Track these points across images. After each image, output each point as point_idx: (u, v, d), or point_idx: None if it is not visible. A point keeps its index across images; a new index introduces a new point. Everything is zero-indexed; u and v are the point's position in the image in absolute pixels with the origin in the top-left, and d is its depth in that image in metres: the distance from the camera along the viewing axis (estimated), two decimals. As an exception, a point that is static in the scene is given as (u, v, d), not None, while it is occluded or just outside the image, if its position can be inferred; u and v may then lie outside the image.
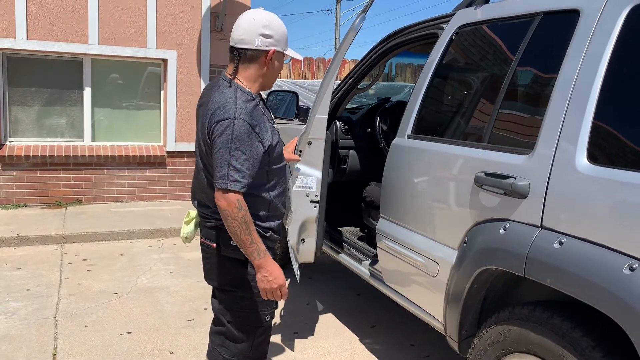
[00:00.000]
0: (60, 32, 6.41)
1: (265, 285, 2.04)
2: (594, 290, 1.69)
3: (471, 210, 2.24)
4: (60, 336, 3.37)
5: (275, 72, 2.14)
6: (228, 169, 1.92)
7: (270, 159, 2.08)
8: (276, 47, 2.05)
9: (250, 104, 2.01)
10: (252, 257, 2.02)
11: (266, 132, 2.04)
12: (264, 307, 2.20)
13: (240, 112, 1.95)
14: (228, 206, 1.94)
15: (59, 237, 5.41)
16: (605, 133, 1.84)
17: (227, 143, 1.93)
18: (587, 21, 1.99)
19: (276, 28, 2.05)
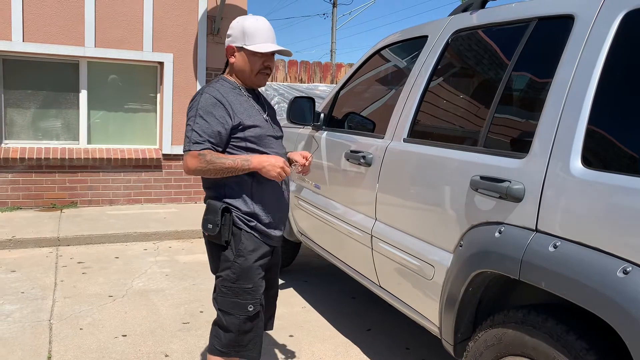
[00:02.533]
0: (56, 34, 6.41)
1: (272, 174, 2.21)
2: (588, 293, 1.70)
3: (466, 213, 2.25)
4: (55, 339, 3.36)
5: (243, 65, 2.30)
6: (190, 134, 2.18)
7: (245, 135, 2.24)
8: (234, 43, 2.28)
9: (226, 87, 2.28)
10: (245, 169, 2.21)
11: (240, 111, 2.24)
12: (244, 296, 2.29)
13: (208, 89, 2.24)
14: (194, 163, 2.16)
15: (54, 240, 5.40)
16: (599, 137, 1.86)
17: (192, 112, 2.21)
18: (581, 26, 2.01)
19: (235, 27, 2.29)
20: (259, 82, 2.35)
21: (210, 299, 4.11)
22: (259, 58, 2.28)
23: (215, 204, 2.25)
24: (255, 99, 2.38)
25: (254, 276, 2.31)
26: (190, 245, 5.66)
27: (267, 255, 2.38)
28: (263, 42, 2.26)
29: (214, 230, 2.24)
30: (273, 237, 2.39)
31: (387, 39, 3.49)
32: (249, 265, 2.29)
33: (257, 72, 2.31)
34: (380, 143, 2.95)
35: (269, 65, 2.33)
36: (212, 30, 7.10)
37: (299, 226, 4.06)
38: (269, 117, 2.39)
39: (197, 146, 2.16)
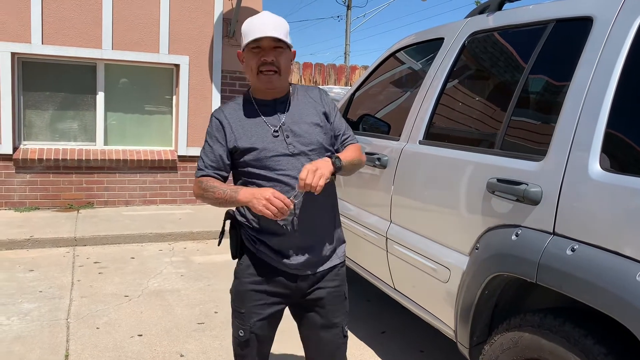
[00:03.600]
0: (74, 37, 6.50)
1: (258, 208, 1.83)
2: (607, 297, 1.68)
3: (483, 216, 2.24)
4: (72, 338, 3.40)
5: (246, 69, 2.00)
6: (199, 159, 2.07)
7: (246, 159, 1.98)
8: (241, 48, 2.00)
9: (236, 105, 2.06)
10: (234, 202, 1.93)
11: (240, 133, 1.98)
12: (238, 318, 2.08)
13: (216, 111, 2.07)
14: (196, 190, 2.04)
15: (71, 240, 5.46)
16: (617, 140, 1.84)
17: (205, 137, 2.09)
18: (600, 28, 2.00)
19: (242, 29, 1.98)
20: (262, 85, 1.96)
21: (224, 300, 4.13)
22: (255, 54, 1.92)
23: (225, 220, 2.10)
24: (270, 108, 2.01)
25: (246, 301, 2.04)
26: (205, 246, 5.69)
27: (280, 285, 2.04)
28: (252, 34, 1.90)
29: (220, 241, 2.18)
30: (288, 265, 2.01)
31: (403, 41, 3.49)
32: (242, 289, 2.06)
33: (257, 72, 1.94)
34: (396, 145, 2.95)
35: (266, 60, 1.91)
36: (227, 32, 7.14)
37: (313, 228, 4.07)
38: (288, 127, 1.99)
39: (199, 172, 2.04)
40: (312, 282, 2.07)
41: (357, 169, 2.14)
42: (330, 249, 2.09)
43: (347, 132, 2.13)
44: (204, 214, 6.76)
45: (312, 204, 1.98)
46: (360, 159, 2.10)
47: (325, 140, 2.04)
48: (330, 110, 2.10)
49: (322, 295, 2.09)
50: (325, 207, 2.06)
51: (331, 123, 2.08)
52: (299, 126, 2.00)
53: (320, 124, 2.04)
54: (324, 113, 2.07)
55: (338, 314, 2.15)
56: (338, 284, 2.13)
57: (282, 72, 1.97)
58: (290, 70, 2.03)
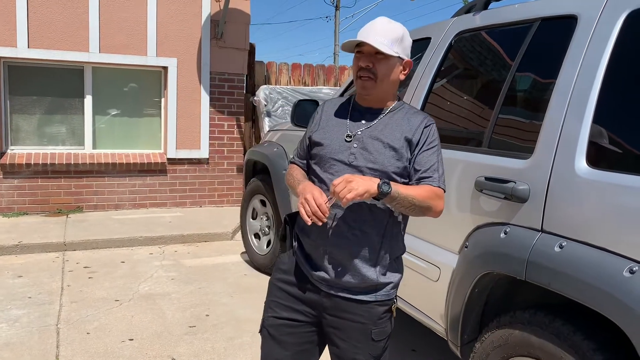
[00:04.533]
0: (61, 40, 6.45)
1: (298, 205, 1.78)
2: (595, 293, 1.70)
3: (472, 214, 2.26)
4: (62, 343, 3.37)
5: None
6: None
7: (312, 152, 1.95)
8: None
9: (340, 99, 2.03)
10: (295, 191, 1.92)
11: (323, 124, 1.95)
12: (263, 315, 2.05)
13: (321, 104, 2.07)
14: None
15: (60, 245, 5.42)
16: (604, 137, 1.86)
17: None
18: (584, 27, 2.01)
19: None
20: (358, 89, 1.89)
21: (216, 303, 4.12)
22: (357, 59, 1.87)
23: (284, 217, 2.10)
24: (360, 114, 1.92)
25: (268, 294, 2.01)
26: (195, 249, 5.67)
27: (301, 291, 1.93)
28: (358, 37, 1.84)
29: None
30: (312, 273, 1.90)
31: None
32: (270, 280, 2.03)
33: (356, 76, 1.87)
34: (385, 145, 2.96)
35: (362, 66, 1.83)
36: (215, 34, 7.12)
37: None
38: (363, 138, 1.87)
39: (291, 158, 2.09)
40: (336, 304, 1.89)
41: (422, 214, 1.83)
42: (365, 278, 1.86)
43: (431, 173, 1.85)
44: (195, 216, 6.74)
45: (356, 221, 1.84)
46: (429, 204, 1.80)
47: (393, 167, 1.84)
48: (421, 141, 1.87)
49: (344, 324, 1.89)
50: (369, 230, 1.85)
51: (414, 154, 1.86)
52: (373, 142, 1.86)
53: (396, 148, 1.84)
54: (409, 140, 1.86)
55: (360, 352, 1.90)
56: (365, 321, 1.88)
57: (379, 80, 1.84)
58: (394, 81, 1.89)
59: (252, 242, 4.99)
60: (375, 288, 1.87)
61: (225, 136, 7.40)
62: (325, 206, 1.70)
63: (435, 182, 1.84)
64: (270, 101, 7.51)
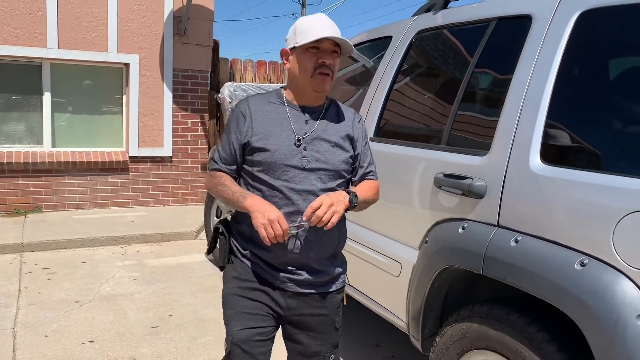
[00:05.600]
0: (17, 35, 6.26)
1: (257, 223, 1.70)
2: (548, 286, 1.75)
3: (431, 210, 2.29)
4: (19, 347, 3.28)
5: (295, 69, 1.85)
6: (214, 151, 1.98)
7: (254, 159, 1.84)
8: (287, 46, 1.89)
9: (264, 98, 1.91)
10: (240, 206, 1.79)
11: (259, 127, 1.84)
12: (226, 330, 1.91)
13: (240, 102, 1.93)
14: (206, 183, 1.97)
15: (18, 246, 5.26)
16: (557, 134, 1.91)
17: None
18: (539, 26, 2.06)
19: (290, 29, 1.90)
20: (316, 86, 1.81)
21: (179, 303, 4.07)
22: (312, 54, 1.80)
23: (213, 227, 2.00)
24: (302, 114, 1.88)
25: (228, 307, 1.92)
26: (159, 249, 5.59)
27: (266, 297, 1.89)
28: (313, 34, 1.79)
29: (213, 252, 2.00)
30: (278, 277, 1.87)
31: (354, 39, 3.51)
32: (225, 294, 1.94)
33: (312, 73, 1.80)
34: (347, 142, 2.97)
35: (324, 62, 1.79)
36: (178, 31, 7.02)
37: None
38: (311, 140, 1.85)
39: (212, 165, 1.93)
40: (302, 302, 1.91)
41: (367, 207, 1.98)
42: (329, 272, 1.92)
43: (370, 166, 1.98)
44: (158, 215, 6.64)
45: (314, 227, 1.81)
46: (375, 199, 1.96)
47: (343, 165, 1.88)
48: (359, 138, 1.95)
49: (310, 320, 1.93)
50: (330, 231, 1.86)
51: (357, 150, 1.93)
52: (321, 143, 1.86)
53: (342, 146, 1.89)
54: (351, 137, 1.92)
55: (323, 343, 1.97)
56: (328, 312, 1.95)
57: (334, 77, 1.86)
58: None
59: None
60: (334, 279, 1.96)
61: (189, 134, 7.32)
62: (288, 230, 1.70)
63: (374, 176, 2.00)
64: (235, 98, 7.45)
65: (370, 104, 2.89)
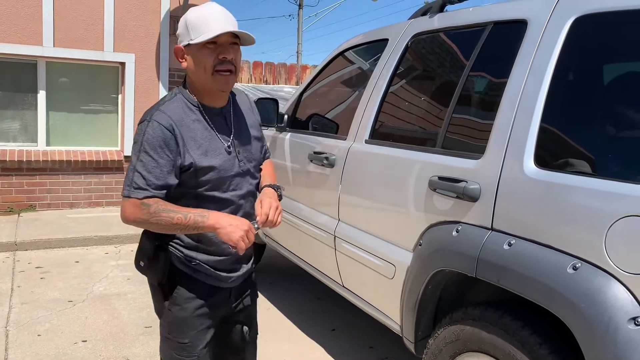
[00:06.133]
0: (12, 33, 6.24)
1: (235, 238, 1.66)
2: (541, 289, 1.75)
3: (425, 213, 2.30)
4: (11, 346, 3.27)
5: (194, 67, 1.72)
6: (132, 175, 1.67)
7: (199, 180, 1.74)
8: (181, 43, 1.74)
9: (179, 109, 1.74)
10: (199, 227, 1.68)
11: (193, 146, 1.71)
12: (178, 351, 1.84)
13: (158, 114, 1.69)
14: (135, 213, 1.68)
15: (11, 245, 5.25)
16: (551, 138, 1.92)
17: (136, 146, 1.68)
18: (534, 31, 2.08)
19: (180, 24, 1.75)
20: (219, 85, 1.72)
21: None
22: (211, 50, 1.68)
23: (147, 242, 1.83)
24: (220, 117, 1.81)
25: (190, 329, 1.83)
26: (153, 248, 5.58)
27: (218, 303, 1.89)
28: (209, 28, 1.66)
29: (146, 268, 1.84)
30: (225, 279, 1.89)
31: (350, 42, 3.52)
32: (185, 317, 1.83)
33: (213, 71, 1.69)
34: (343, 144, 2.98)
35: (226, 57, 1.69)
36: (174, 30, 7.02)
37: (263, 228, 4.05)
38: (237, 142, 1.83)
39: (140, 193, 1.66)
40: (241, 292, 1.99)
41: None
42: (251, 253, 2.01)
43: (266, 144, 2.02)
44: (153, 215, 6.63)
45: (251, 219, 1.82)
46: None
47: (260, 154, 1.95)
48: (258, 119, 1.99)
49: (246, 310, 2.03)
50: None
51: (262, 135, 1.98)
52: (245, 141, 1.86)
53: (259, 137, 1.94)
54: (258, 123, 1.96)
55: (253, 325, 2.10)
56: (254, 294, 2.09)
57: (237, 72, 1.76)
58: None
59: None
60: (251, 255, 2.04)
61: (185, 134, 7.30)
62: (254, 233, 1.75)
63: (269, 152, 2.09)
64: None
65: (366, 106, 2.89)
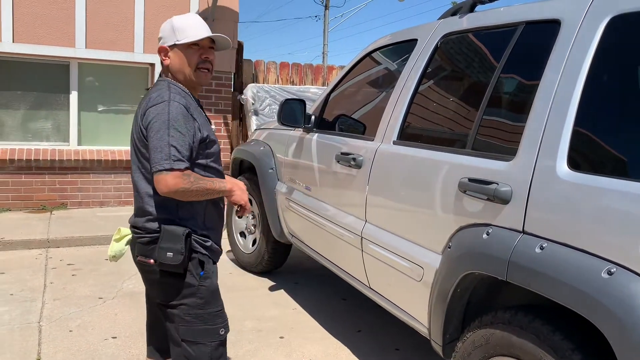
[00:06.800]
0: (46, 35, 6.39)
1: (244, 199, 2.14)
2: (574, 294, 1.72)
3: (455, 215, 2.27)
4: (44, 341, 3.35)
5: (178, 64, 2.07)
6: (169, 149, 1.89)
7: (208, 151, 2.09)
8: (165, 43, 2.09)
9: (182, 93, 2.06)
10: (221, 192, 2.07)
11: (202, 123, 2.07)
12: (214, 321, 2.10)
13: (173, 95, 1.99)
14: (179, 183, 1.89)
15: (44, 242, 5.37)
16: (585, 140, 1.89)
17: (164, 124, 1.92)
18: (567, 31, 2.04)
19: (164, 27, 2.12)
20: (200, 80, 2.10)
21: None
22: (195, 51, 2.05)
23: (175, 230, 2.00)
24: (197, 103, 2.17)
25: (219, 296, 2.16)
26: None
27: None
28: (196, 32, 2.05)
29: (176, 259, 1.97)
30: (220, 252, 2.23)
31: (378, 42, 3.51)
32: (215, 286, 2.13)
33: (196, 68, 2.06)
34: (371, 145, 2.97)
35: (208, 58, 2.08)
36: (203, 32, 7.10)
37: (289, 228, 4.08)
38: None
39: (180, 164, 1.90)
40: None
41: None
42: None
43: None
44: (180, 214, 6.71)
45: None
46: None
47: None
48: None
49: None
50: None
51: None
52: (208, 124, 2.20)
53: None
54: None
55: None
56: None
57: (212, 72, 2.14)
58: None
59: (238, 240, 4.98)
60: None
61: (212, 134, 7.38)
62: None
63: None
64: (258, 100, 7.50)
65: (395, 106, 2.88)
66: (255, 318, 3.83)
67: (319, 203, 3.53)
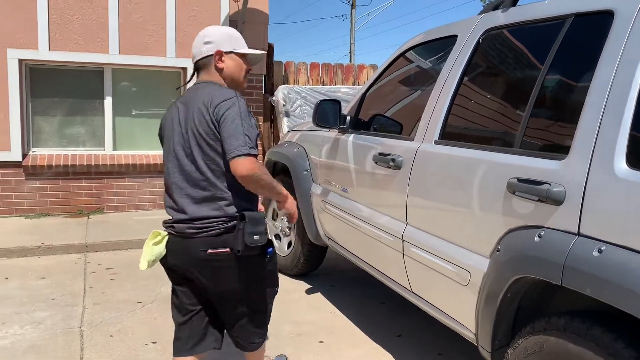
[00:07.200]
0: (81, 42, 6.49)
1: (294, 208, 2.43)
2: (636, 299, 1.63)
3: (504, 217, 2.19)
4: (86, 346, 3.37)
5: (235, 69, 2.33)
6: (244, 138, 2.09)
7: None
8: (221, 47, 2.28)
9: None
10: (279, 193, 2.30)
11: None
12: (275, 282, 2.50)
13: (238, 93, 2.22)
14: (255, 169, 2.09)
15: (82, 246, 5.45)
16: (644, 137, 1.78)
17: (237, 116, 2.12)
18: (622, 23, 1.94)
19: (215, 32, 2.31)
20: (245, 85, 2.41)
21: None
22: (245, 60, 2.37)
23: (255, 215, 2.20)
24: None
25: None
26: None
27: None
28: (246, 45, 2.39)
29: (263, 240, 2.19)
30: None
31: (414, 40, 3.43)
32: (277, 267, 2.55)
33: (244, 76, 2.39)
34: (410, 145, 2.90)
35: (250, 69, 2.44)
36: (234, 34, 7.12)
37: (325, 230, 4.03)
38: None
39: (255, 151, 2.13)
40: None
41: None
42: None
43: None
44: (214, 217, 6.73)
45: None
46: None
47: None
48: None
49: None
50: None
51: None
52: None
53: None
54: None
55: None
56: None
57: None
58: None
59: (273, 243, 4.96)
60: None
61: (244, 136, 7.39)
62: None
63: None
64: (289, 101, 7.48)
65: (435, 105, 2.80)
66: (293, 322, 3.79)
67: (356, 205, 3.48)
